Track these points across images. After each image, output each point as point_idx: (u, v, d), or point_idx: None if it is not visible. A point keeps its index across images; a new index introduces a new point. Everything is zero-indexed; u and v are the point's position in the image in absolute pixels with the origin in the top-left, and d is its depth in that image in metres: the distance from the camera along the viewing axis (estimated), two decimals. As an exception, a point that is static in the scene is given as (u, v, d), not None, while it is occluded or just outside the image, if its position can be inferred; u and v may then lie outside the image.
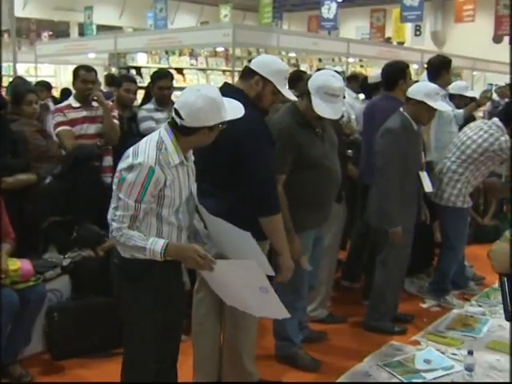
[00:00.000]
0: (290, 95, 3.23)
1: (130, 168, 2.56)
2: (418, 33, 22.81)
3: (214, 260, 2.68)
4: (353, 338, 4.45)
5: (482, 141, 4.87)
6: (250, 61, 3.41)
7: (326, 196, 3.76)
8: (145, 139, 2.68)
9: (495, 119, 5.02)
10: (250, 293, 2.82)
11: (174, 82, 6.35)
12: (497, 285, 5.53)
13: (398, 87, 4.74)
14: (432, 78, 5.29)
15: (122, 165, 2.63)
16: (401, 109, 4.33)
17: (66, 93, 8.37)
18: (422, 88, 4.26)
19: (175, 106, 2.61)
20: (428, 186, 4.47)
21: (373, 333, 4.49)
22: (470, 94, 6.41)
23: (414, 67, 12.31)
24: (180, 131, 2.61)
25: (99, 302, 4.10)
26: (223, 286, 2.94)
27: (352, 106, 5.61)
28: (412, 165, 4.31)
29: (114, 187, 2.66)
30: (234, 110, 2.71)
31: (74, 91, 5.05)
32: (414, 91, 4.26)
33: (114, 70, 11.49)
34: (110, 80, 8.23)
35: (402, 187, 4.20)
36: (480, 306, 5.08)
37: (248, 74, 3.18)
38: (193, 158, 2.83)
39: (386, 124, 4.27)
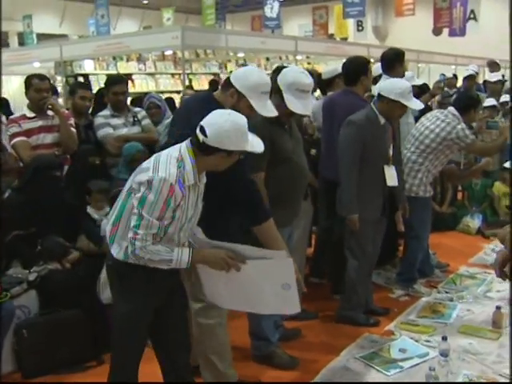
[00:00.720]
0: (268, 112, 3.15)
1: (150, 183, 2.56)
2: (360, 28, 23.07)
3: (245, 260, 2.78)
4: (327, 333, 4.45)
5: (439, 130, 4.95)
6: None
7: (298, 192, 3.79)
8: (165, 153, 2.68)
9: (451, 108, 5.11)
10: (269, 291, 2.88)
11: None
12: (461, 270, 5.66)
13: (360, 82, 4.73)
14: (386, 70, 5.35)
15: (140, 177, 2.62)
16: (372, 103, 4.37)
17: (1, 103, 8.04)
18: (396, 87, 4.23)
19: (202, 122, 2.62)
20: (392, 180, 4.45)
21: (346, 325, 4.51)
22: (417, 82, 6.54)
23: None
24: (200, 149, 2.63)
25: (69, 315, 3.99)
26: (232, 287, 2.94)
27: None
28: (375, 158, 4.34)
29: (136, 202, 2.61)
30: (254, 143, 2.73)
31: (27, 101, 4.89)
32: (387, 90, 4.24)
33: (60, 79, 11.27)
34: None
35: (362, 178, 4.25)
36: (447, 292, 5.16)
37: (226, 85, 3.16)
38: (205, 180, 2.82)
39: (349, 116, 4.31)
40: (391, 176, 4.43)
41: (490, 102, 7.57)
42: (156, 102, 5.57)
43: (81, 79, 11.20)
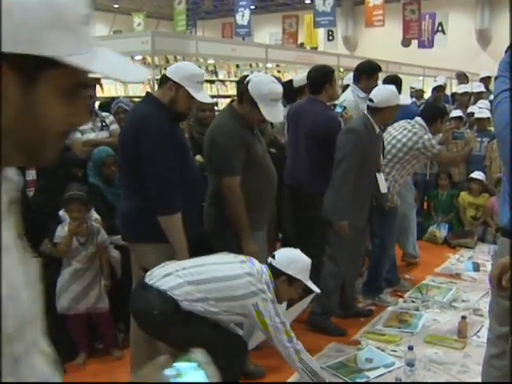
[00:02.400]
0: (204, 98, 3.41)
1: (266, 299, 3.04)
2: (330, 38, 23.29)
3: None
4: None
5: (406, 140, 4.98)
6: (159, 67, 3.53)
7: (270, 195, 3.86)
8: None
9: (418, 118, 5.16)
10: None
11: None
12: (427, 280, 5.69)
13: (324, 91, 4.77)
14: (354, 80, 5.43)
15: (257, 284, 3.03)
16: (365, 112, 4.49)
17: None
18: (391, 94, 4.46)
19: (276, 252, 3.20)
20: (383, 187, 4.63)
21: (314, 333, 4.49)
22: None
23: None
24: (271, 271, 3.18)
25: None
26: None
27: None
28: (369, 166, 4.45)
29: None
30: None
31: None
32: (384, 100, 4.41)
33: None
34: None
35: (357, 185, 4.31)
36: (413, 301, 5.19)
37: (164, 80, 3.32)
38: None
39: (348, 124, 4.41)
40: (382, 183, 4.59)
41: (456, 113, 7.66)
42: (124, 107, 5.51)
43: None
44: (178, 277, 2.96)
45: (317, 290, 3.31)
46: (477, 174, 7.18)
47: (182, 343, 2.93)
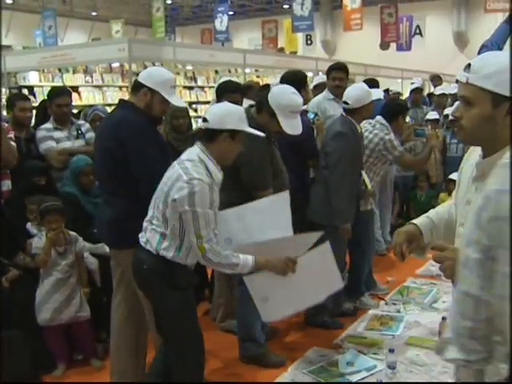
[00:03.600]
0: (178, 102, 3.52)
1: (192, 187, 2.77)
2: (309, 42, 23.36)
3: (295, 260, 3.08)
4: (276, 346, 4.39)
5: (367, 142, 4.95)
6: (137, 74, 3.56)
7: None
8: (184, 160, 2.89)
9: (378, 117, 5.14)
10: (316, 279, 3.23)
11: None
12: (408, 282, 5.70)
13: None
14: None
15: (178, 185, 2.80)
16: (343, 113, 4.54)
17: None
18: (363, 94, 4.53)
19: (204, 114, 2.96)
20: (369, 185, 4.71)
21: (295, 338, 4.48)
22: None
23: (309, 75, 12.55)
24: (206, 138, 2.91)
25: (11, 335, 3.82)
26: (289, 291, 3.15)
27: None
28: (356, 165, 4.53)
29: (187, 207, 2.77)
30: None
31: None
32: (358, 100, 4.47)
33: (3, 91, 10.98)
34: None
35: (349, 185, 4.40)
36: (394, 304, 5.18)
37: (137, 86, 3.37)
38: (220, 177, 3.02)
39: (334, 127, 4.43)
40: (367, 180, 4.66)
41: (433, 115, 7.69)
42: (100, 115, 5.46)
43: (25, 91, 10.94)
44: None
45: (259, 133, 3.11)
46: (455, 176, 7.17)
47: (157, 312, 3.11)
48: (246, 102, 6.37)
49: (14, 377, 3.77)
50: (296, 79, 4.82)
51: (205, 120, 2.92)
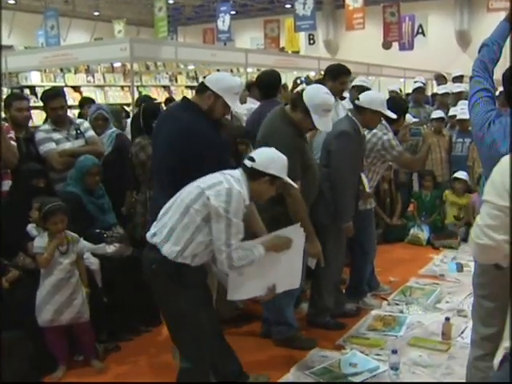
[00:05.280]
0: (239, 108, 3.89)
1: (230, 194, 2.96)
2: (311, 42, 23.35)
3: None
4: (277, 348, 4.35)
5: (365, 142, 4.90)
6: (204, 77, 3.83)
7: (315, 194, 4.17)
8: (226, 174, 3.09)
9: None
10: (287, 268, 3.40)
11: (72, 100, 6.03)
12: (411, 282, 5.66)
13: (278, 93, 5.05)
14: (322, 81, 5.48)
15: (215, 191, 2.97)
16: (349, 113, 4.56)
17: None
18: (376, 98, 4.50)
19: (252, 154, 3.21)
20: (367, 187, 4.73)
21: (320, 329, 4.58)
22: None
23: (311, 74, 12.52)
24: (248, 175, 3.12)
25: (11, 336, 3.81)
26: (263, 273, 3.31)
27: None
28: (357, 166, 4.55)
29: (221, 212, 2.94)
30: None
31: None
32: (367, 101, 4.44)
33: (5, 91, 10.97)
34: None
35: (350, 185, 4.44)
36: (397, 304, 5.15)
37: (202, 88, 3.58)
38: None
39: (339, 126, 4.41)
40: (366, 183, 4.69)
41: (437, 113, 7.66)
42: (104, 115, 5.46)
43: (27, 91, 10.93)
44: (164, 227, 3.11)
45: (294, 185, 3.41)
46: (461, 174, 7.18)
47: (166, 311, 3.28)
48: (250, 100, 6.38)
49: (15, 378, 3.76)
50: (275, 77, 5.15)
51: (252, 159, 3.14)
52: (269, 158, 3.16)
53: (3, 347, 3.74)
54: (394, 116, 4.55)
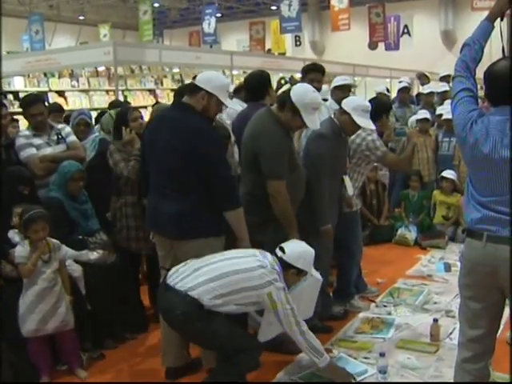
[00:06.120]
0: (233, 105, 3.89)
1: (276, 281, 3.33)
2: (298, 43, 23.39)
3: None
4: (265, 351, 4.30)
5: (349, 143, 4.86)
6: (194, 78, 3.89)
7: (302, 193, 4.15)
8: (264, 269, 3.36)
9: None
10: (300, 306, 3.61)
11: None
12: (399, 283, 5.63)
13: (267, 95, 4.96)
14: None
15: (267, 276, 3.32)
16: (332, 115, 4.56)
17: None
18: (352, 102, 4.47)
19: (284, 245, 3.48)
20: (350, 189, 4.66)
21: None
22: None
23: (298, 76, 12.50)
24: (280, 265, 3.42)
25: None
26: None
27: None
28: (338, 169, 4.51)
29: (282, 296, 3.36)
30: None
31: None
32: (345, 102, 4.46)
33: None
34: None
35: (329, 188, 4.38)
36: (385, 306, 5.11)
37: (194, 89, 3.62)
38: None
39: (317, 129, 4.31)
40: (349, 186, 4.63)
41: (422, 114, 7.64)
42: (87, 120, 5.40)
43: (10, 97, 10.83)
44: (196, 276, 3.27)
45: (320, 277, 3.79)
46: (448, 173, 7.17)
47: (202, 342, 3.52)
48: (236, 102, 6.35)
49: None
50: (263, 79, 5.09)
51: (282, 250, 3.44)
52: (299, 252, 3.51)
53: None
54: (367, 126, 4.46)
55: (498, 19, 3.04)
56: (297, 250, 3.47)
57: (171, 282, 3.31)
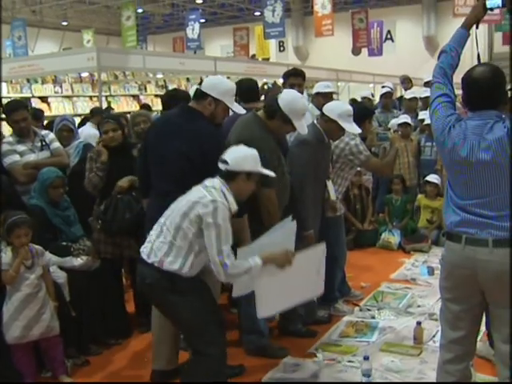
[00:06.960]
0: (240, 110, 3.83)
1: (216, 209, 3.07)
2: (281, 49, 23.50)
3: (294, 252, 3.38)
4: (247, 357, 4.31)
5: (333, 147, 4.87)
6: (200, 83, 3.80)
7: (287, 198, 4.13)
8: (207, 186, 3.19)
9: None
10: (305, 279, 3.51)
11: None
12: (383, 287, 5.67)
13: (258, 99, 5.04)
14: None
15: (202, 206, 3.09)
16: (315, 121, 4.56)
17: None
18: (336, 108, 4.46)
19: (224, 156, 3.23)
20: (333, 194, 4.69)
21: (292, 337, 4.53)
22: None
23: (281, 81, 12.55)
24: (225, 178, 3.21)
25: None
26: (283, 287, 3.37)
27: None
28: (321, 174, 4.53)
29: (210, 225, 3.07)
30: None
31: None
32: (329, 109, 4.45)
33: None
34: None
35: (312, 194, 4.40)
36: (369, 309, 5.13)
37: (201, 95, 3.67)
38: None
39: (299, 135, 4.37)
40: (332, 190, 4.67)
41: (403, 118, 7.69)
42: (69, 126, 5.38)
43: (-8, 103, 10.76)
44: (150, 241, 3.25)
45: (271, 174, 3.42)
46: (432, 177, 7.22)
47: (170, 316, 3.40)
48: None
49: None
50: (256, 83, 5.17)
51: (225, 162, 3.22)
52: (240, 157, 3.24)
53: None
54: (353, 131, 4.49)
55: (474, 27, 3.12)
56: (238, 155, 3.27)
57: (142, 255, 3.28)
